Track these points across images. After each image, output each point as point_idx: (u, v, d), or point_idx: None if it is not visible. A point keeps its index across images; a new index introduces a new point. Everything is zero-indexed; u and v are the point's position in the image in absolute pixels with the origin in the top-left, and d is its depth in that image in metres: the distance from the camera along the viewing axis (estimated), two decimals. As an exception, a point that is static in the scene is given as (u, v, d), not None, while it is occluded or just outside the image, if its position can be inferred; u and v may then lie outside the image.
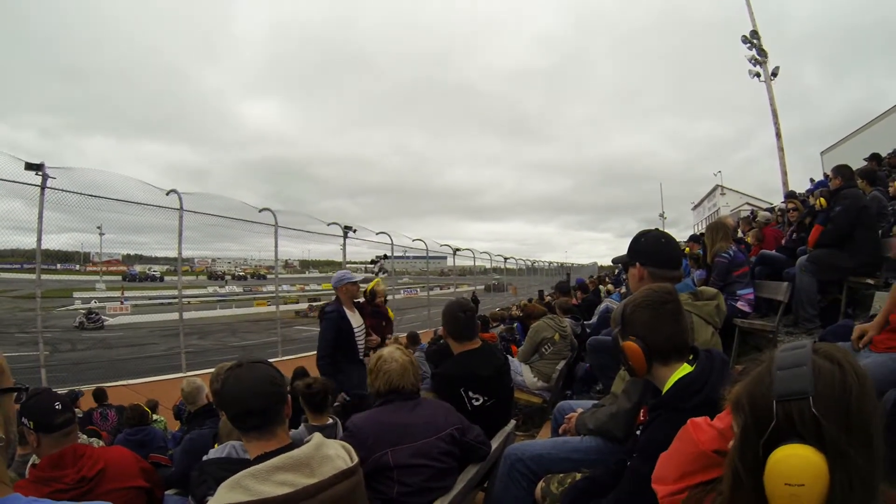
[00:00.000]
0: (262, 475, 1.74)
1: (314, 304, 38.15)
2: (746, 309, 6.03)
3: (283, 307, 20.79)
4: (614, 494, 2.13)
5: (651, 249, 3.00)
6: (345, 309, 5.99)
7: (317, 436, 1.96)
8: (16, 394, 1.19)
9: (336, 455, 1.94)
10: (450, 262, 33.73)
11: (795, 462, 1.07)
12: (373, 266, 27.08)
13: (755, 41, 22.42)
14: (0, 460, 1.13)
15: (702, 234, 10.29)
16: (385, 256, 25.04)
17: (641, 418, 2.27)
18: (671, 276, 2.86)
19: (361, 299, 6.60)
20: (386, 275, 24.50)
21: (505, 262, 40.16)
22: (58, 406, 2.70)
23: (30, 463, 3.03)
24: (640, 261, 2.98)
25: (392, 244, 24.16)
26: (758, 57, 22.47)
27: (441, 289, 42.94)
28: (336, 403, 4.89)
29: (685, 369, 2.05)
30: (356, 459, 1.99)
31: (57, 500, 1.12)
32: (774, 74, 22.40)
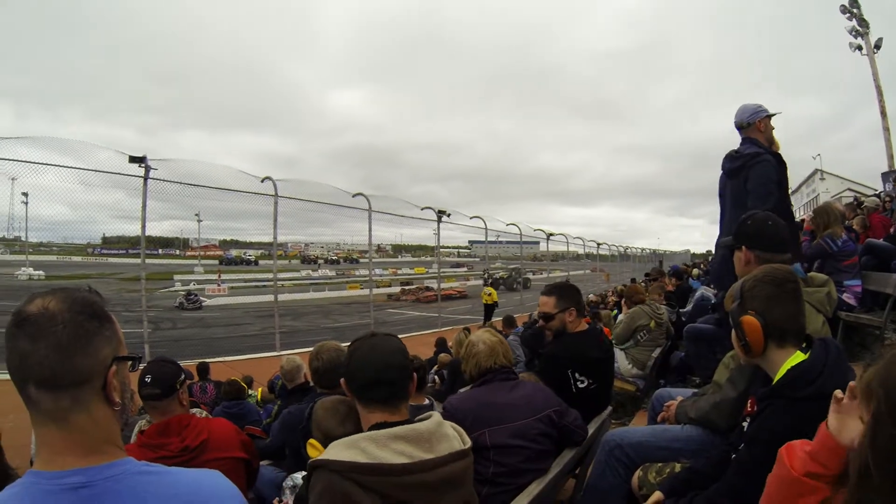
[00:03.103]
0: (381, 441, 1.74)
1: (406, 287, 38.75)
2: (852, 302, 5.68)
3: (375, 291, 21.17)
4: (718, 487, 2.05)
5: (758, 232, 2.89)
6: None
7: (437, 414, 1.97)
8: (130, 362, 1.25)
9: (453, 436, 1.94)
10: (542, 247, 33.70)
11: None
12: (488, 279, 27.57)
13: (854, 10, 20.76)
14: (115, 425, 1.19)
15: (804, 221, 9.85)
16: (491, 275, 25.34)
17: (749, 409, 2.18)
18: (779, 261, 2.73)
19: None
20: (495, 287, 24.92)
21: (598, 247, 39.79)
22: (147, 379, 2.80)
23: (137, 429, 3.17)
24: (747, 244, 2.89)
25: (486, 228, 24.35)
26: (858, 28, 20.86)
27: (534, 274, 42.95)
28: None
29: (798, 357, 1.95)
30: (469, 443, 1.99)
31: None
32: (878, 47, 20.71)
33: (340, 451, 1.71)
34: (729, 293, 2.27)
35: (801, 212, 44.90)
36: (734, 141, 4.36)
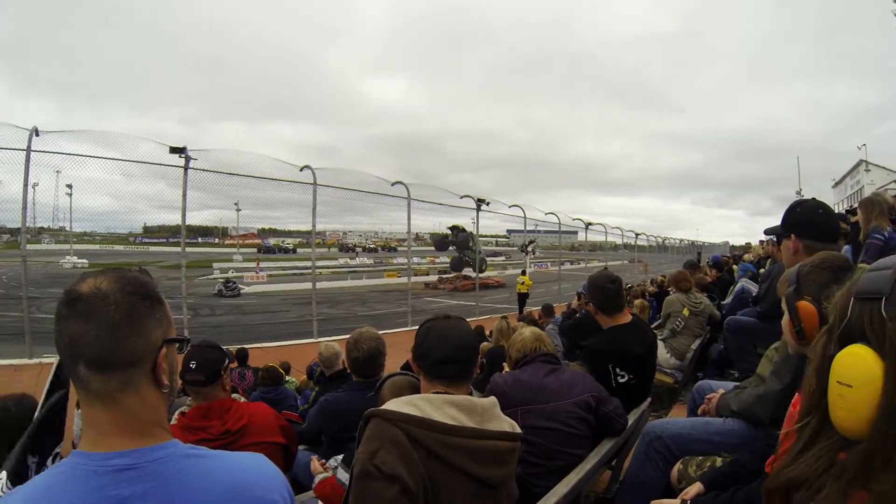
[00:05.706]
0: (436, 403, 1.82)
1: (444, 275, 38.88)
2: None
3: (413, 279, 21.28)
4: (762, 481, 2.00)
5: (808, 220, 2.82)
6: None
7: (493, 398, 2.02)
8: (178, 345, 1.24)
9: (505, 420, 1.99)
10: (581, 236, 33.63)
11: (849, 361, 1.06)
12: (527, 247, 27.52)
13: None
14: (163, 407, 1.19)
15: (849, 211, 9.61)
16: (531, 242, 25.13)
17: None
18: (829, 250, 2.66)
19: None
20: (533, 256, 24.77)
21: (636, 238, 39.53)
22: (192, 365, 2.83)
23: (178, 410, 3.21)
24: (796, 232, 2.82)
25: (525, 217, 24.38)
26: (904, 9, 19.73)
27: (572, 264, 42.81)
28: None
29: None
30: (519, 431, 2.02)
31: None
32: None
33: (396, 404, 1.80)
34: (783, 278, 2.21)
35: (844, 204, 43.80)
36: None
